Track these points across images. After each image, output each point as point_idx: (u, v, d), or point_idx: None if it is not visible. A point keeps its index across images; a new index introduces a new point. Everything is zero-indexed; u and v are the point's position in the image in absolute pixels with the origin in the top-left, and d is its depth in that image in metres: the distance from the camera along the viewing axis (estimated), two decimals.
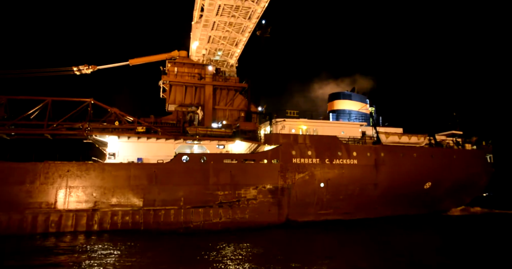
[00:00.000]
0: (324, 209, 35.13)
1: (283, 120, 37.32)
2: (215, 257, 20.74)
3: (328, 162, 35.27)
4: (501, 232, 32.73)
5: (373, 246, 25.43)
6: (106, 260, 19.67)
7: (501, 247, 25.34)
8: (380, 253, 22.99)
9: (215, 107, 41.34)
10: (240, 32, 44.87)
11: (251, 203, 32.30)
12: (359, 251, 23.88)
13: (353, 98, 47.21)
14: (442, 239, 28.61)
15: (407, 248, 24.69)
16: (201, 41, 46.66)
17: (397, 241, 27.52)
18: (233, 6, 39.84)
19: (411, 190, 38.78)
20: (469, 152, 42.49)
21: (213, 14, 40.85)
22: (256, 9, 40.25)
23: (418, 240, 28.27)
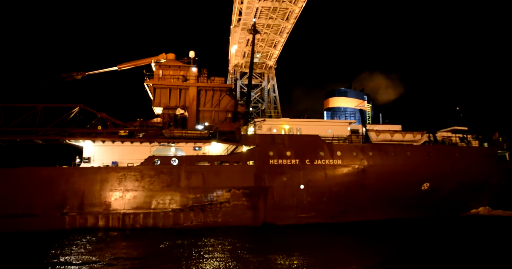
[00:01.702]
0: (305, 212, 33.43)
1: (262, 120, 36.07)
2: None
3: (309, 162, 33.53)
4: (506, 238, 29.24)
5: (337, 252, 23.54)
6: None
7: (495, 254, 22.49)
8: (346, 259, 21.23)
9: (199, 108, 40.88)
10: (278, 33, 44.88)
11: (224, 206, 31.43)
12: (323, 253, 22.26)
13: (349, 95, 44.89)
14: (432, 246, 25.91)
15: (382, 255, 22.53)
16: (240, 44, 47.24)
17: (374, 247, 25.28)
18: (270, 8, 40.13)
19: (406, 192, 35.90)
20: (475, 149, 38.65)
21: (251, 17, 41.05)
22: (294, 9, 40.08)
23: (402, 247, 25.72)
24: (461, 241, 27.67)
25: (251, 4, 38.78)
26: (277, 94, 52.60)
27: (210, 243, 25.21)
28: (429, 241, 27.42)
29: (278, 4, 39.23)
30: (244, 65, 52.59)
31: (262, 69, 53.16)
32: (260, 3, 38.58)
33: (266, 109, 48.36)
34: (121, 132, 34.56)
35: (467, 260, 21.33)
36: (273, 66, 52.29)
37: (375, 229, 32.49)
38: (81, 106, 36.50)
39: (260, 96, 53.48)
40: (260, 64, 51.86)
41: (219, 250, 23.07)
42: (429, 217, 38.05)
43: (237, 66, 52.74)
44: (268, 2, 38.79)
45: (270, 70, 52.62)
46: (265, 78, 53.50)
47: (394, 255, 22.17)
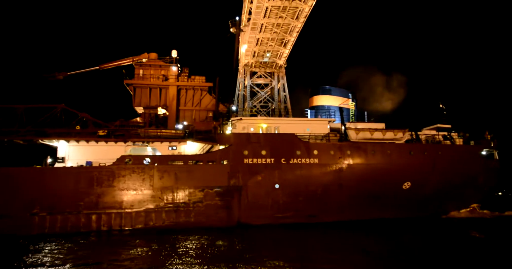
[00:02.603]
0: (281, 211, 32.97)
1: (239, 119, 35.69)
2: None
3: (285, 161, 33.06)
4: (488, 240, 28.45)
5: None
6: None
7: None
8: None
9: (180, 108, 40.71)
10: (288, 32, 44.74)
11: (197, 205, 31.13)
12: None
13: (333, 93, 44.46)
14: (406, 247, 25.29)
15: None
16: (249, 44, 47.19)
17: (342, 246, 24.78)
18: (280, 7, 39.75)
19: (387, 191, 35.21)
20: (459, 148, 37.77)
21: (261, 16, 41.08)
22: (304, 8, 39.88)
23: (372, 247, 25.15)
24: (437, 242, 26.92)
25: (260, 4, 38.72)
26: (287, 94, 52.44)
27: (181, 244, 24.87)
28: (405, 243, 26.77)
29: (287, 3, 38.87)
30: (254, 65, 52.65)
31: (272, 69, 53.21)
32: (270, 3, 38.34)
33: (276, 109, 48.20)
34: (99, 132, 34.49)
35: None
36: (283, 66, 52.21)
37: (354, 229, 31.99)
38: (63, 106, 36.53)
39: (270, 96, 53.51)
40: (270, 64, 51.83)
41: (189, 251, 22.57)
42: (412, 218, 37.34)
43: (247, 65, 52.80)
44: (278, 1, 38.53)
45: (280, 69, 52.56)
46: (275, 78, 53.52)
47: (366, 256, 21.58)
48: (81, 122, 36.52)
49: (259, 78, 54.55)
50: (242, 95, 54.22)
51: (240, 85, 54.34)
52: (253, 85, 53.59)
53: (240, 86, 54.40)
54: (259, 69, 53.87)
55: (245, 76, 54.33)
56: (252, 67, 53.47)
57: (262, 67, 52.90)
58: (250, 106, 52.02)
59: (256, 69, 53.92)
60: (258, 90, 52.99)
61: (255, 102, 53.41)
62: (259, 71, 54.42)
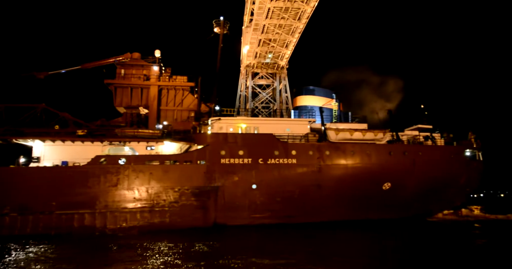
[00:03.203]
0: (258, 212, 32.74)
1: (218, 119, 35.47)
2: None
3: (262, 161, 32.84)
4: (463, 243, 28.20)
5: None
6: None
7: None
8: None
9: (162, 108, 40.47)
10: (290, 33, 44.88)
11: (172, 206, 30.89)
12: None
13: (317, 93, 44.37)
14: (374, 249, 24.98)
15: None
16: (251, 45, 47.27)
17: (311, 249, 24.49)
18: (282, 8, 39.84)
19: (367, 192, 34.96)
20: (440, 148, 37.58)
21: (263, 17, 41.19)
22: (306, 9, 40.01)
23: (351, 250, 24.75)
24: (410, 245, 26.65)
25: (262, 5, 38.87)
26: (289, 95, 52.52)
27: (154, 245, 24.52)
28: (384, 245, 26.40)
29: (290, 4, 38.96)
30: (256, 66, 52.64)
31: (274, 70, 53.19)
32: (272, 3, 38.44)
33: (277, 110, 48.16)
34: (78, 132, 34.26)
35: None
36: (285, 67, 52.24)
37: (333, 230, 31.78)
38: (44, 106, 36.35)
39: (272, 97, 53.53)
40: (271, 65, 51.83)
41: (162, 252, 22.15)
42: (395, 219, 37.13)
43: (249, 66, 52.79)
44: (280, 2, 38.65)
45: (282, 70, 52.61)
46: (276, 79, 53.48)
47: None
48: (62, 122, 36.40)
49: (261, 79, 54.55)
50: (244, 96, 54.31)
51: (242, 86, 54.44)
52: (254, 86, 53.74)
53: (242, 87, 54.48)
54: (261, 70, 53.91)
55: (247, 77, 54.33)
56: (254, 68, 53.56)
57: (264, 68, 53.07)
58: (251, 107, 52.09)
59: (258, 70, 54.12)
60: (259, 91, 53.02)
61: (257, 103, 53.42)
62: (261, 72, 54.45)
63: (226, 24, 46.17)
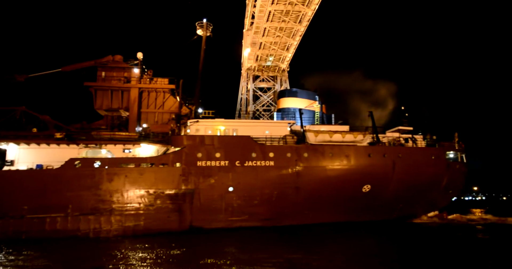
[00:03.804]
0: (236, 215, 32.45)
1: (196, 121, 35.25)
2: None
3: (239, 164, 32.60)
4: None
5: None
6: None
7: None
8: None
9: (143, 110, 40.19)
10: (291, 36, 45.05)
11: (147, 209, 30.59)
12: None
13: (299, 95, 44.14)
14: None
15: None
16: (252, 48, 47.14)
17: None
18: (283, 11, 40.15)
19: (346, 194, 34.71)
20: (420, 150, 37.39)
21: (264, 20, 41.43)
22: (307, 12, 40.25)
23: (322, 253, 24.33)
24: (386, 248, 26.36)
25: (263, 8, 39.15)
26: None
27: (127, 248, 24.21)
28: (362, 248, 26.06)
29: (290, 7, 39.28)
30: (256, 69, 52.52)
31: (275, 72, 52.95)
32: (273, 7, 38.71)
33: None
34: (57, 135, 34.04)
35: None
36: (285, 69, 52.13)
37: (312, 232, 31.48)
38: (23, 109, 36.19)
39: (273, 99, 53.52)
40: (272, 68, 51.74)
41: (131, 257, 21.71)
42: (377, 221, 36.89)
43: (250, 69, 52.69)
44: (281, 5, 38.94)
45: (283, 73, 52.48)
46: (277, 81, 53.33)
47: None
48: (42, 125, 36.16)
49: (261, 82, 54.56)
50: (245, 99, 54.18)
51: (243, 89, 54.36)
52: (255, 89, 53.65)
53: (243, 90, 54.39)
54: (262, 73, 54.00)
55: (248, 80, 54.29)
56: (255, 71, 53.60)
57: (265, 71, 53.30)
58: (252, 109, 52.01)
59: (259, 73, 54.20)
60: (261, 94, 52.82)
61: (258, 106, 53.32)
62: (262, 75, 54.47)
63: (209, 27, 46.14)
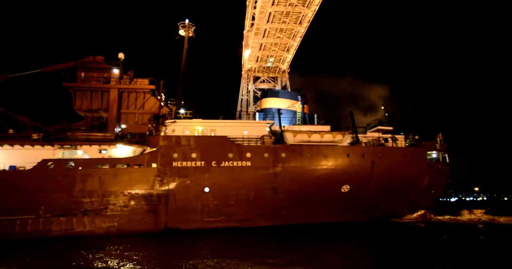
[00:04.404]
0: (212, 216, 32.19)
1: (173, 122, 35.03)
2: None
3: (215, 164, 32.38)
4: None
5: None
6: None
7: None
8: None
9: (123, 111, 39.93)
10: (292, 37, 45.06)
11: (121, 210, 30.31)
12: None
13: (281, 95, 44.04)
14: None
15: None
16: (253, 49, 47.34)
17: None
18: (283, 12, 40.07)
19: (325, 195, 34.52)
20: (400, 150, 37.25)
21: (264, 21, 41.40)
22: (307, 13, 40.27)
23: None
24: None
25: (264, 9, 39.15)
26: None
27: (99, 250, 23.83)
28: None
29: (291, 8, 39.23)
30: (257, 70, 52.35)
31: (275, 74, 52.77)
32: (273, 8, 38.69)
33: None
34: (34, 136, 33.79)
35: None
36: (286, 70, 52.01)
37: (287, 233, 31.23)
38: (2, 110, 35.96)
39: None
40: (273, 69, 51.68)
41: (107, 258, 21.23)
42: (358, 222, 36.69)
43: (250, 70, 52.56)
44: (281, 6, 38.91)
45: (283, 74, 52.41)
46: (278, 82, 53.21)
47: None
48: (21, 126, 35.92)
49: (262, 83, 54.44)
50: (246, 100, 54.04)
51: (243, 90, 54.19)
52: (256, 90, 53.51)
53: (243, 91, 54.21)
54: (262, 74, 53.88)
55: (248, 81, 54.20)
56: (255, 72, 53.54)
57: (265, 72, 53.28)
58: (253, 110, 51.88)
59: (259, 74, 54.11)
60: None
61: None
62: (262, 76, 54.35)
63: (191, 27, 46.05)
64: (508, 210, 62.05)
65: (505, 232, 34.95)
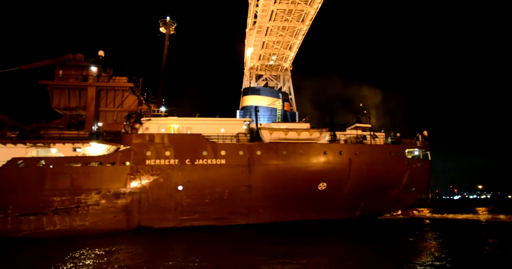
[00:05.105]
0: (186, 214, 31.95)
1: (148, 120, 34.75)
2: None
3: (189, 162, 32.12)
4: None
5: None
6: None
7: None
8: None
9: (100, 109, 39.64)
10: (294, 35, 44.97)
11: (93, 208, 30.06)
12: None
13: (262, 93, 43.71)
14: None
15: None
16: (255, 47, 47.18)
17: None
18: (285, 10, 39.95)
19: (302, 192, 34.28)
20: (377, 147, 36.96)
21: (266, 19, 41.29)
22: (309, 11, 40.15)
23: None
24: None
25: (266, 7, 39.04)
26: (293, 97, 52.04)
27: (68, 249, 23.34)
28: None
29: (293, 6, 39.06)
30: (259, 68, 52.15)
31: (278, 72, 52.54)
32: (276, 6, 38.53)
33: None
34: (9, 134, 33.55)
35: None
36: (288, 68, 51.83)
37: (263, 231, 30.92)
38: None
39: None
40: (275, 67, 51.45)
41: (76, 258, 20.62)
42: (337, 220, 36.47)
43: (253, 68, 52.27)
44: (283, 4, 38.74)
45: (285, 72, 52.20)
46: (280, 80, 52.94)
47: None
48: None
49: (264, 81, 54.11)
50: None
51: None
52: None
53: None
54: (265, 72, 53.67)
55: (250, 79, 53.94)
56: (257, 70, 53.35)
57: (267, 70, 53.21)
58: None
59: (262, 72, 53.92)
60: None
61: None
62: (265, 74, 54.08)
63: (172, 24, 45.75)
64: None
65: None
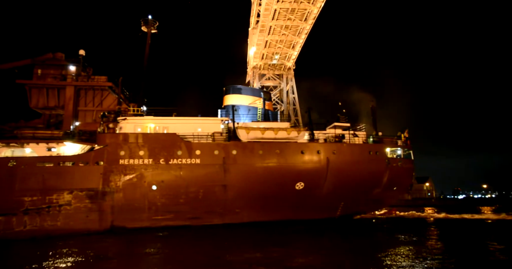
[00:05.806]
0: (160, 214, 31.74)
1: (124, 119, 34.52)
2: None
3: (164, 162, 31.89)
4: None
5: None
6: None
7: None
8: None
9: (79, 108, 39.43)
10: (297, 34, 45.16)
11: (64, 208, 29.84)
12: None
13: (244, 92, 43.35)
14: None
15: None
16: (258, 46, 47.20)
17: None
18: (288, 9, 40.06)
19: (278, 192, 34.02)
20: (356, 147, 36.69)
21: (269, 18, 41.40)
22: (312, 10, 40.23)
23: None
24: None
25: (269, 6, 39.30)
26: (296, 96, 51.91)
27: (38, 250, 23.17)
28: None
29: (296, 5, 39.17)
30: (262, 67, 52.16)
31: (281, 71, 52.55)
32: (278, 5, 38.65)
33: (285, 111, 47.80)
34: None
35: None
36: (291, 68, 51.78)
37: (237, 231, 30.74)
38: None
39: (279, 98, 52.88)
40: (278, 66, 51.43)
41: (46, 260, 20.01)
42: (317, 219, 36.23)
43: (256, 68, 52.21)
44: (286, 3, 38.92)
45: (288, 71, 52.13)
46: (283, 80, 52.82)
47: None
48: None
49: (267, 81, 54.10)
50: None
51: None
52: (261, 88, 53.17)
53: None
54: (268, 71, 53.67)
55: (253, 79, 53.84)
56: (260, 69, 53.33)
57: (270, 69, 53.31)
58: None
59: (265, 72, 53.92)
60: None
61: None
62: (268, 74, 54.01)
63: (154, 23, 45.51)
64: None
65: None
